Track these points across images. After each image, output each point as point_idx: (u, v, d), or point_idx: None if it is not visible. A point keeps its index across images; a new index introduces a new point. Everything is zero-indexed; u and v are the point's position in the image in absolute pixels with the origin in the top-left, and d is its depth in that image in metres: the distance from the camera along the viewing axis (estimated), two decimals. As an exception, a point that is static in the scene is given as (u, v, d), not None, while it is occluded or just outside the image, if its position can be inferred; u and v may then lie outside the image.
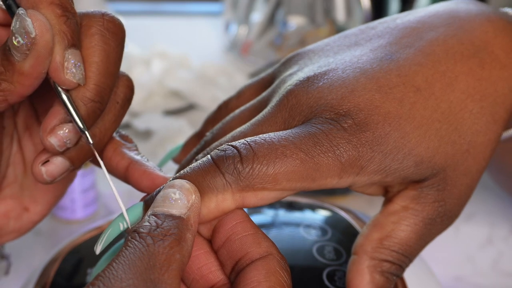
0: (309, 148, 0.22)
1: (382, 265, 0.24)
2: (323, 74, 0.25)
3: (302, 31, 0.71)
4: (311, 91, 0.24)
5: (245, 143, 0.22)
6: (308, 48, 0.28)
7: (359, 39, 0.27)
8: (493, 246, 0.41)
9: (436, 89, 0.24)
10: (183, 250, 0.19)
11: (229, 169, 0.21)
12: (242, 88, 0.30)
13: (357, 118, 0.23)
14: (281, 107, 0.24)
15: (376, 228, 0.24)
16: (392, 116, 0.23)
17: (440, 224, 0.24)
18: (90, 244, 0.31)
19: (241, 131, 0.25)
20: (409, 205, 0.24)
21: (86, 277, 0.28)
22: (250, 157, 0.21)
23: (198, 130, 0.31)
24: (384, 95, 0.23)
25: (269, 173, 0.21)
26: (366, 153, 0.22)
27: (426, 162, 0.23)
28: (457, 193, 0.24)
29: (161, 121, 0.55)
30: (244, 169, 0.21)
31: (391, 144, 0.23)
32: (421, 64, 0.24)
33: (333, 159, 0.22)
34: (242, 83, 0.63)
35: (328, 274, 0.28)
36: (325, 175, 0.22)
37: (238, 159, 0.21)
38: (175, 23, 0.85)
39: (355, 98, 0.23)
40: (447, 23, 0.26)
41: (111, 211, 0.44)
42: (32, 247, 0.40)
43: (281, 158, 0.21)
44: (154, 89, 0.61)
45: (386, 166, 0.23)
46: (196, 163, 0.22)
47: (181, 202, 0.20)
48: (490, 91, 0.24)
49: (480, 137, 0.24)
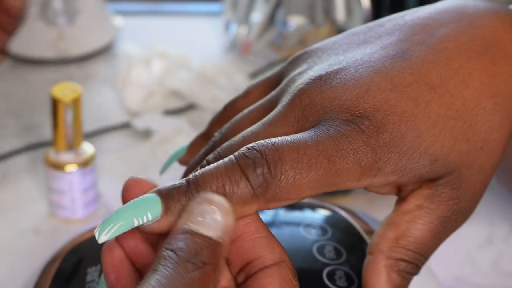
0: (332, 154, 0.22)
1: (399, 264, 0.24)
2: (335, 73, 0.24)
3: (302, 31, 0.71)
4: (324, 90, 0.24)
5: (271, 148, 0.21)
6: (315, 46, 0.28)
7: (368, 36, 0.26)
8: (493, 246, 0.41)
9: (451, 86, 0.24)
10: (216, 278, 0.19)
11: (257, 180, 0.21)
12: (249, 88, 0.30)
13: (374, 119, 0.23)
14: (293, 106, 0.24)
15: (391, 227, 0.24)
16: (408, 115, 0.23)
17: (455, 221, 0.24)
18: (90, 244, 0.31)
19: (252, 131, 0.24)
20: (424, 203, 0.24)
21: (86, 276, 0.28)
22: (278, 168, 0.21)
23: (203, 131, 0.30)
24: (399, 94, 0.23)
25: (295, 185, 0.21)
26: (384, 155, 0.22)
27: (441, 161, 0.23)
28: (472, 190, 0.24)
29: (160, 121, 0.55)
30: (273, 180, 0.21)
31: (407, 144, 0.23)
32: (434, 62, 0.24)
33: (353, 163, 0.22)
34: (242, 83, 0.63)
35: (328, 273, 0.28)
36: (345, 180, 0.22)
37: (267, 170, 0.21)
38: (175, 23, 0.85)
39: (370, 98, 0.23)
40: (457, 19, 0.26)
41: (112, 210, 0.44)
42: (32, 247, 0.40)
43: (307, 169, 0.21)
44: (154, 89, 0.61)
45: (402, 166, 0.23)
46: (219, 169, 0.21)
47: (219, 224, 0.19)
48: (502, 87, 0.24)
49: (494, 134, 0.24)
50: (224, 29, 0.77)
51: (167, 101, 0.61)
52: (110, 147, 0.53)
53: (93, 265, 0.29)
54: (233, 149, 0.24)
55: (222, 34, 0.78)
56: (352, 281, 0.27)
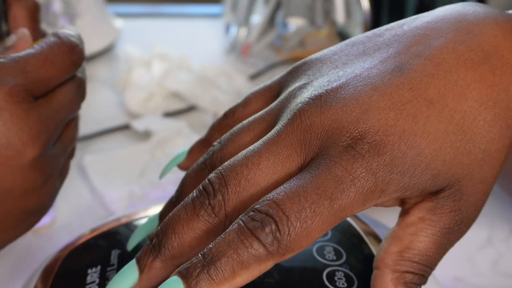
0: (332, 192, 0.22)
1: (405, 277, 0.24)
2: (334, 91, 0.24)
3: (302, 33, 0.71)
4: (324, 111, 0.24)
5: (273, 206, 0.22)
6: (315, 57, 0.28)
7: (367, 48, 0.27)
8: (493, 247, 0.41)
9: (449, 100, 0.24)
10: None
11: (268, 239, 0.21)
12: (248, 96, 0.30)
13: (373, 141, 0.23)
14: (294, 127, 0.24)
15: (395, 241, 0.25)
16: (408, 134, 0.23)
17: (457, 231, 0.25)
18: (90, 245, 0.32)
19: (254, 150, 0.24)
20: (426, 216, 0.24)
21: (86, 277, 0.28)
22: (284, 223, 0.22)
23: (203, 137, 0.30)
24: (398, 112, 0.23)
25: (305, 233, 0.22)
26: (386, 177, 0.23)
27: (443, 175, 0.23)
28: (473, 201, 0.25)
29: (160, 123, 0.55)
30: (283, 236, 0.21)
31: (408, 163, 0.23)
32: (432, 75, 0.24)
33: (355, 193, 0.22)
34: (242, 84, 0.64)
35: (328, 274, 0.28)
36: (351, 211, 0.22)
37: (275, 227, 0.21)
38: (175, 25, 0.85)
39: (369, 119, 0.23)
40: (455, 28, 0.25)
41: (112, 212, 0.45)
42: (32, 247, 0.40)
43: (311, 216, 0.22)
44: (154, 91, 0.61)
45: (405, 184, 0.23)
46: (231, 236, 0.22)
47: None
48: (502, 96, 0.24)
49: (495, 144, 0.24)
50: (224, 31, 0.77)
51: (167, 102, 0.61)
52: (109, 148, 0.53)
53: (93, 267, 0.29)
54: (236, 169, 0.24)
55: (222, 36, 0.78)
56: (352, 282, 0.27)
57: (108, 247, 0.30)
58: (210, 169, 0.26)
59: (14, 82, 0.27)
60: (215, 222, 0.23)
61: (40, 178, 0.29)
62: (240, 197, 0.24)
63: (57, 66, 0.30)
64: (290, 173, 0.24)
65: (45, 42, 0.30)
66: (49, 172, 0.30)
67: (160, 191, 0.45)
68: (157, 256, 0.23)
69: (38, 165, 0.29)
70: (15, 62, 0.28)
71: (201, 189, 0.24)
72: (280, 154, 0.24)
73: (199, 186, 0.24)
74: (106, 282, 0.28)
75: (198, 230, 0.23)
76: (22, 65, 0.28)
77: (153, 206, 0.35)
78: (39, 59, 0.29)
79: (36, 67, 0.29)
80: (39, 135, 0.28)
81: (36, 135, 0.28)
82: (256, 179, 0.24)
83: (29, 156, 0.28)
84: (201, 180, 0.26)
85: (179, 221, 0.24)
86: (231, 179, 0.24)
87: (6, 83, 0.27)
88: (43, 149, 0.28)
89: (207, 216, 0.23)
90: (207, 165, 0.27)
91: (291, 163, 0.24)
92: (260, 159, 0.24)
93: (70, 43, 0.31)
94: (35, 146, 0.28)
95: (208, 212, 0.23)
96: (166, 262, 0.23)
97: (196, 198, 0.24)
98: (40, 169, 0.29)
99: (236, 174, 0.24)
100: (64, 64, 0.30)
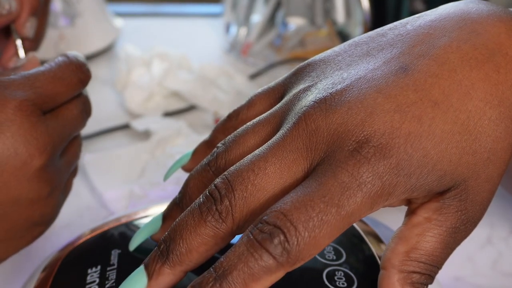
0: (339, 199, 0.22)
1: (412, 277, 0.24)
2: (339, 94, 0.24)
3: (301, 32, 0.71)
4: (329, 115, 0.24)
5: (281, 218, 0.22)
6: (318, 58, 0.28)
7: (371, 48, 0.26)
8: (493, 247, 0.41)
9: (454, 100, 0.24)
10: None
11: (277, 250, 0.21)
12: (252, 98, 0.30)
13: (379, 144, 0.23)
14: (300, 131, 0.24)
15: (401, 241, 0.25)
16: (413, 136, 0.23)
17: (464, 231, 0.25)
18: (90, 245, 0.32)
19: (260, 155, 0.24)
20: (432, 216, 0.24)
21: (86, 277, 0.28)
22: (292, 233, 0.22)
23: (207, 138, 0.30)
24: (403, 114, 0.23)
25: (313, 242, 0.22)
26: (392, 180, 0.23)
27: (449, 175, 0.23)
28: (479, 200, 0.24)
29: (160, 122, 0.55)
30: (291, 247, 0.21)
31: (414, 165, 0.23)
32: (436, 75, 0.24)
33: (362, 198, 0.22)
34: (243, 84, 0.64)
35: (328, 274, 0.28)
36: (359, 215, 0.22)
37: (283, 238, 0.22)
38: (175, 24, 0.85)
39: (375, 121, 0.23)
40: (459, 26, 0.25)
41: (112, 211, 0.45)
42: (32, 247, 0.40)
43: (319, 225, 0.22)
44: (154, 90, 0.61)
45: (411, 186, 0.23)
46: (241, 248, 0.22)
47: None
48: (507, 95, 0.24)
49: (500, 143, 0.24)
50: (224, 30, 0.77)
51: (167, 102, 0.61)
52: (109, 148, 0.53)
53: (93, 267, 0.29)
54: (242, 175, 0.24)
55: (222, 35, 0.78)
56: (352, 281, 0.27)
57: (108, 247, 0.30)
58: (214, 171, 0.26)
59: (23, 96, 0.29)
60: (222, 228, 0.24)
61: (45, 189, 0.30)
62: (247, 202, 0.24)
63: (65, 83, 0.31)
64: (297, 178, 0.24)
65: (54, 61, 0.32)
66: (54, 184, 0.31)
67: (160, 191, 0.45)
68: (165, 262, 0.24)
69: (44, 176, 0.29)
70: (25, 79, 0.30)
71: (207, 195, 0.24)
72: (286, 159, 0.24)
73: (205, 191, 0.24)
74: (106, 282, 0.28)
75: (205, 235, 0.24)
76: (31, 81, 0.30)
77: (153, 206, 0.35)
78: (48, 76, 0.30)
79: (45, 83, 0.30)
80: (45, 147, 0.29)
81: (42, 147, 0.29)
82: (262, 184, 0.24)
83: (35, 166, 0.29)
84: (205, 182, 0.26)
85: (187, 227, 0.24)
86: (237, 185, 0.24)
87: (16, 97, 0.28)
88: (48, 160, 0.29)
89: (214, 222, 0.23)
90: (211, 167, 0.27)
91: (297, 167, 0.24)
92: (266, 164, 0.24)
93: (78, 62, 0.32)
94: (41, 157, 0.29)
95: (215, 217, 0.23)
96: (174, 268, 0.24)
97: (203, 203, 0.24)
98: (45, 180, 0.30)
99: (243, 179, 0.24)
100: (71, 82, 0.31)
